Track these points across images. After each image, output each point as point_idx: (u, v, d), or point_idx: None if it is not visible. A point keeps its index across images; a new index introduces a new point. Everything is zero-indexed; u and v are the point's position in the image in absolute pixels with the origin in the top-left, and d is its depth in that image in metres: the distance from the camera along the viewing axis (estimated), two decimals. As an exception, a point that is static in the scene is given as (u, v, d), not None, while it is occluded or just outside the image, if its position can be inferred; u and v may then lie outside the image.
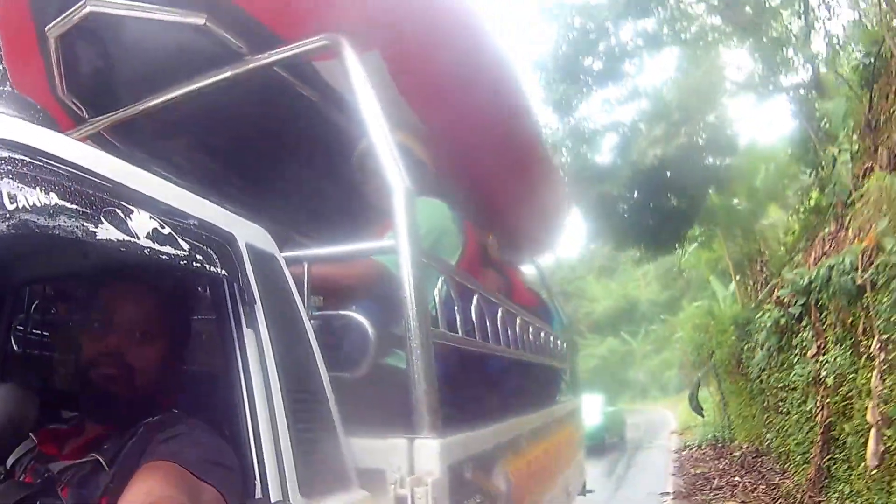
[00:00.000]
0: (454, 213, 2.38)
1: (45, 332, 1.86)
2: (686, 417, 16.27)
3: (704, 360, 13.60)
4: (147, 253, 0.99)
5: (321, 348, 1.55)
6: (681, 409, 17.82)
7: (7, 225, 0.81)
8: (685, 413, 16.15)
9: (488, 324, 2.28)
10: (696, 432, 14.75)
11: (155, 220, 1.04)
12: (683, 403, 15.89)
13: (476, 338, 2.10)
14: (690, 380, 14.57)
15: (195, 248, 1.12)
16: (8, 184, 0.83)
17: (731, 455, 10.95)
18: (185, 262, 1.09)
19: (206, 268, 1.16)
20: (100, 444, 1.22)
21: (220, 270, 1.19)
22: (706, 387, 14.51)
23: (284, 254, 1.78)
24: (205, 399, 1.43)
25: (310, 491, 1.31)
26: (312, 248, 1.90)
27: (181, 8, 1.89)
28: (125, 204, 0.99)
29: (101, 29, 2.11)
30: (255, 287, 1.33)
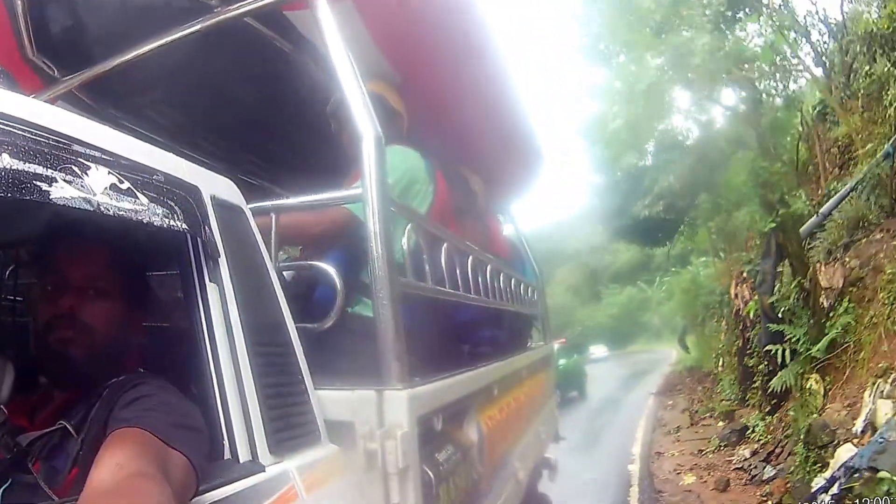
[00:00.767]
0: (426, 162, 2.32)
1: (15, 297, 1.79)
2: (682, 355, 21.41)
3: (691, 312, 19.05)
4: (104, 209, 0.95)
5: (290, 300, 1.51)
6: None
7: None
8: (681, 351, 21.56)
9: (458, 272, 2.24)
10: (683, 363, 20.44)
11: (114, 175, 1.00)
12: (684, 343, 21.77)
13: (446, 287, 2.06)
14: (691, 326, 19.73)
15: (156, 202, 1.08)
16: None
17: (696, 375, 16.81)
18: (144, 217, 1.04)
19: (167, 222, 1.10)
20: (67, 410, 1.18)
21: (181, 225, 1.14)
22: (692, 332, 19.75)
23: (252, 205, 1.72)
24: (170, 357, 1.40)
25: (279, 448, 1.28)
26: (280, 199, 1.81)
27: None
28: (83, 161, 0.95)
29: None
30: (219, 240, 1.29)
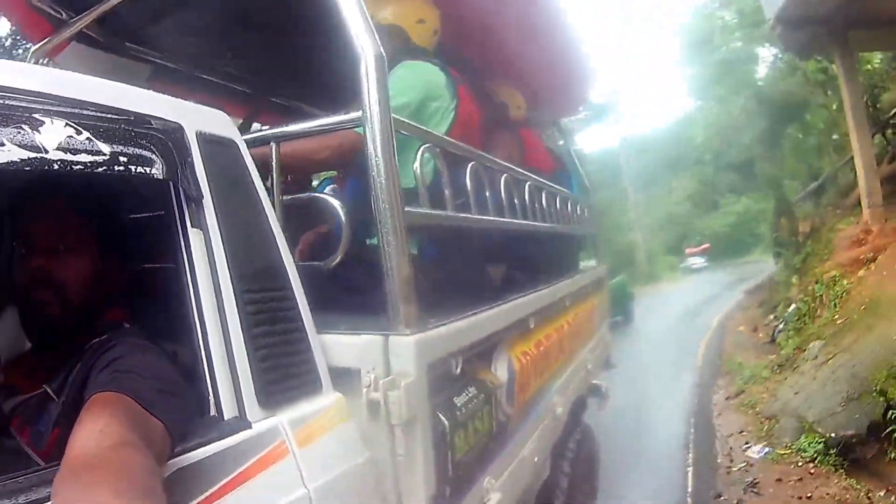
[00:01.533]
0: (447, 77, 2.08)
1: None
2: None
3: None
4: (58, 167, 0.91)
5: (295, 235, 1.38)
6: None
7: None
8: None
9: (489, 193, 2.03)
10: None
11: (72, 126, 0.95)
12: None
13: (472, 212, 1.86)
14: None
15: (121, 149, 1.01)
16: None
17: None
18: (105, 167, 0.98)
19: (134, 169, 1.02)
20: (50, 372, 1.17)
21: (151, 170, 1.06)
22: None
23: (249, 135, 1.60)
24: (155, 308, 1.33)
25: (271, 401, 1.17)
26: (279, 127, 1.63)
27: None
28: (36, 116, 0.91)
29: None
30: (204, 181, 1.19)
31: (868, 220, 8.05)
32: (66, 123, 0.94)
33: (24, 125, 0.88)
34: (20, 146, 0.86)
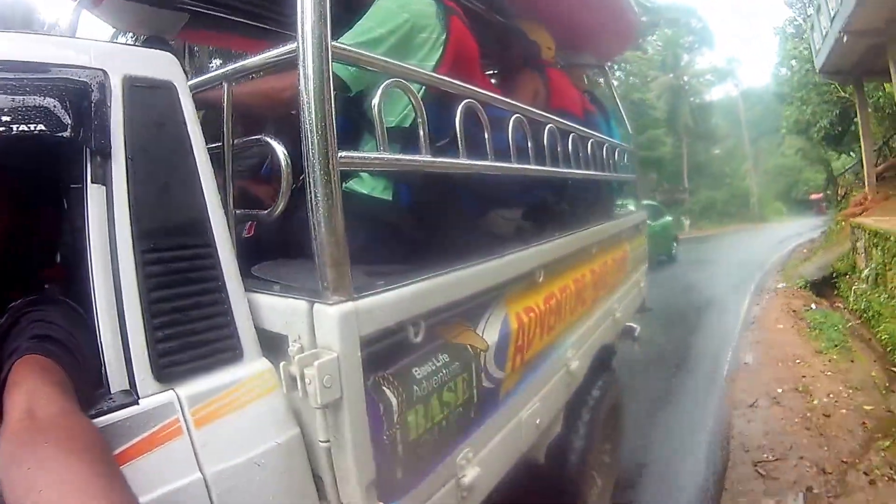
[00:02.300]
0: (438, 6, 1.79)
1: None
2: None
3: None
4: None
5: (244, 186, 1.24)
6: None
7: None
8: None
9: (487, 136, 1.78)
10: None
11: None
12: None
13: (459, 156, 1.62)
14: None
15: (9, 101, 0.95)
16: None
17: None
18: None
19: (15, 128, 0.94)
20: None
21: (37, 126, 0.97)
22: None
23: (198, 78, 1.48)
24: (68, 272, 1.27)
25: (169, 373, 1.04)
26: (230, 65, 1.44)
27: None
28: None
29: None
30: (120, 130, 1.08)
31: (867, 192, 13.43)
32: None
33: None
34: None
